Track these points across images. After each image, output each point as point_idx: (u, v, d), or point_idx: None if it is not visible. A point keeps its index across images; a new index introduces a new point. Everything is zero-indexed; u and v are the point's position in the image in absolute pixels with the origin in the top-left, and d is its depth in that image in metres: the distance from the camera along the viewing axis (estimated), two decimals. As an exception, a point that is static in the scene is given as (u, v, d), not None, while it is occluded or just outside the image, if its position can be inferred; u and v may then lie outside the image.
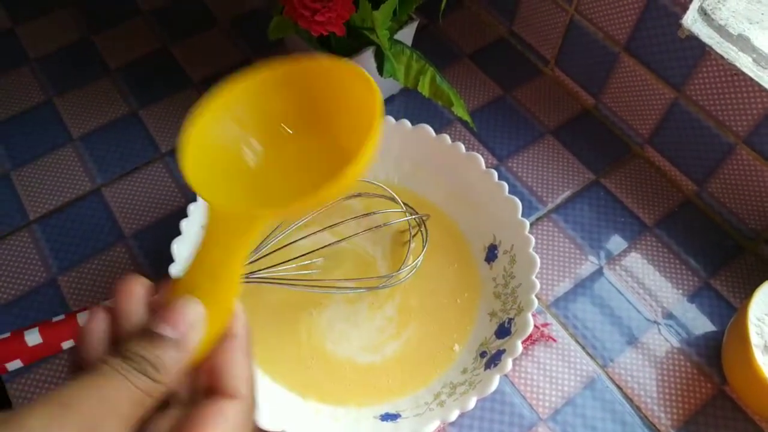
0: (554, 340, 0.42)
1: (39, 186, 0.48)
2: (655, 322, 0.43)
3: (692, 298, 0.44)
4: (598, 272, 0.45)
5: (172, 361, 0.22)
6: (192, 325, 0.22)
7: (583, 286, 0.45)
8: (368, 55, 0.45)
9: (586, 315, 0.43)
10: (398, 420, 0.36)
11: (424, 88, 0.44)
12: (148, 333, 0.22)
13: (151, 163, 0.50)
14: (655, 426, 0.39)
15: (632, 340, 0.42)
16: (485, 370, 0.36)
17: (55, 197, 0.48)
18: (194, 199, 0.40)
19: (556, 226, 0.47)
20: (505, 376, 0.40)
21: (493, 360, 0.36)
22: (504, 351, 0.36)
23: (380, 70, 0.44)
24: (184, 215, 0.39)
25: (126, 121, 0.52)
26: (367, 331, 0.40)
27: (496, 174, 0.41)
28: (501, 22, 0.58)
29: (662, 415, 0.40)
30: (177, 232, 0.39)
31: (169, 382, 0.22)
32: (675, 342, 0.42)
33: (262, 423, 0.32)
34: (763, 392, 0.36)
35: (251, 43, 0.57)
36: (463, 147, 0.42)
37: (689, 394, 0.41)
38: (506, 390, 0.40)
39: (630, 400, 0.40)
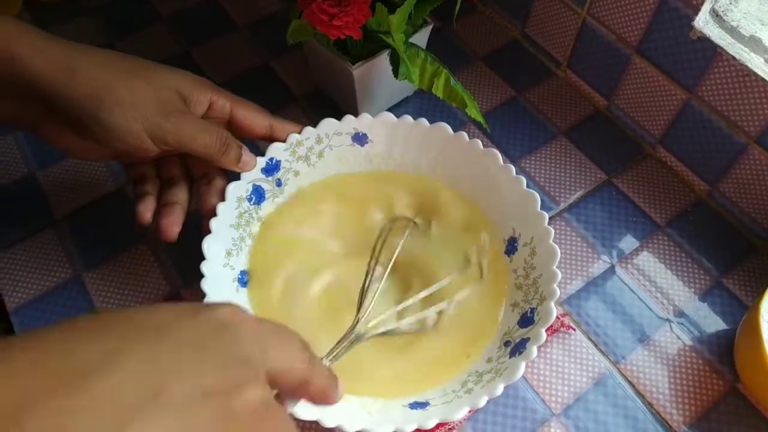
0: (573, 329, 0.43)
1: (65, 185, 0.50)
2: (667, 320, 0.44)
3: (704, 296, 0.45)
4: (611, 270, 0.46)
5: None
6: None
7: (595, 284, 0.45)
8: (384, 57, 0.46)
9: (598, 313, 0.44)
10: (427, 408, 0.36)
11: (439, 90, 0.45)
12: None
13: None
14: (667, 422, 0.40)
15: (644, 338, 0.43)
16: (510, 358, 0.37)
17: (80, 196, 0.49)
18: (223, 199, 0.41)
19: (569, 226, 0.48)
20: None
21: (517, 348, 0.37)
22: (528, 339, 0.37)
23: (395, 72, 0.45)
24: (213, 214, 0.40)
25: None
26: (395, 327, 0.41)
27: (513, 169, 0.42)
28: (514, 24, 0.58)
29: (674, 411, 0.40)
30: (203, 231, 0.40)
31: None
32: (687, 340, 0.43)
33: (297, 412, 0.33)
34: (775, 389, 0.37)
35: (269, 47, 0.58)
36: (480, 143, 0.43)
37: (701, 392, 0.41)
38: (519, 385, 0.41)
39: (642, 397, 0.41)
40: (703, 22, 0.43)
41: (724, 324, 0.44)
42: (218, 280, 0.39)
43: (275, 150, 0.43)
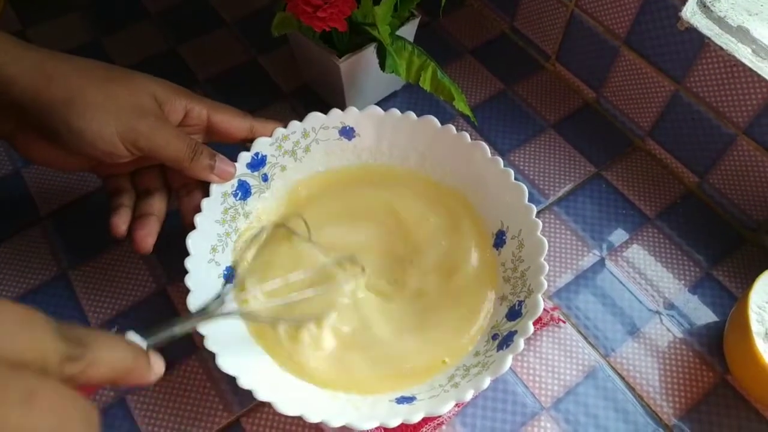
0: (563, 322, 0.43)
1: (51, 183, 0.49)
2: (656, 312, 0.44)
3: (694, 288, 0.45)
4: (600, 263, 0.46)
5: None
6: None
7: (585, 277, 0.45)
8: (370, 51, 0.46)
9: (588, 306, 0.44)
10: (414, 402, 0.36)
11: (426, 83, 0.45)
12: None
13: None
14: (657, 415, 0.40)
15: (634, 331, 0.43)
16: (497, 351, 0.36)
17: (66, 193, 0.49)
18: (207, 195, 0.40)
19: (558, 219, 0.48)
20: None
21: (505, 341, 0.37)
22: (515, 332, 0.36)
23: (382, 65, 0.45)
24: (198, 210, 0.40)
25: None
26: (384, 318, 0.41)
27: (501, 161, 0.42)
28: (502, 18, 0.58)
29: (664, 404, 0.40)
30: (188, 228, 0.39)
31: None
32: (677, 332, 0.43)
33: (280, 407, 0.33)
34: (765, 380, 0.37)
35: (257, 43, 0.58)
36: (468, 136, 0.43)
37: (691, 384, 0.41)
38: (509, 379, 0.41)
39: (632, 390, 0.41)
40: (690, 12, 0.43)
41: (714, 316, 0.43)
42: (203, 275, 0.38)
43: (261, 145, 0.42)
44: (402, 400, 0.36)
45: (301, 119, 0.43)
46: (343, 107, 0.45)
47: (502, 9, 0.58)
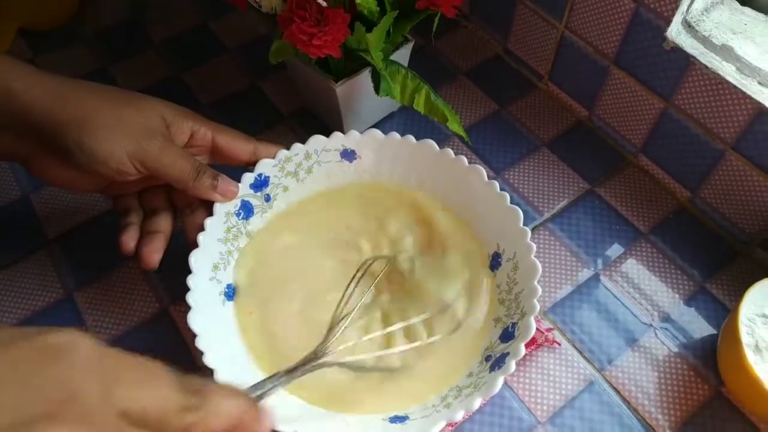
0: (558, 344, 0.43)
1: (57, 207, 0.51)
2: (651, 325, 0.44)
3: (688, 302, 0.45)
4: (595, 278, 0.46)
5: None
6: None
7: (579, 292, 0.46)
8: (366, 75, 0.47)
9: (583, 320, 0.44)
10: (406, 422, 0.37)
11: (420, 106, 0.46)
12: None
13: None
14: (653, 428, 0.40)
15: (629, 344, 0.43)
16: (489, 372, 0.37)
17: (72, 217, 0.50)
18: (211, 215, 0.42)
19: (553, 235, 0.49)
20: (504, 380, 0.41)
21: (497, 363, 0.37)
22: (508, 354, 0.37)
23: (377, 89, 0.46)
24: (201, 229, 0.41)
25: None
26: (378, 342, 0.41)
27: (498, 185, 0.43)
28: (496, 39, 0.60)
29: (660, 417, 0.40)
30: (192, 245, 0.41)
31: None
32: (671, 345, 0.43)
33: (274, 424, 0.33)
34: (756, 391, 0.37)
35: (256, 67, 0.59)
36: (465, 160, 0.44)
37: (687, 396, 0.41)
38: (505, 394, 0.41)
39: (628, 403, 0.41)
40: (675, 32, 0.44)
41: (708, 329, 0.44)
42: (204, 293, 0.39)
43: (264, 166, 0.44)
44: (395, 419, 0.37)
45: (300, 141, 0.45)
46: (340, 129, 0.46)
47: (496, 31, 0.59)
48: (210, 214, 0.41)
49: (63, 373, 0.20)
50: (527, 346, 0.37)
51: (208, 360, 0.36)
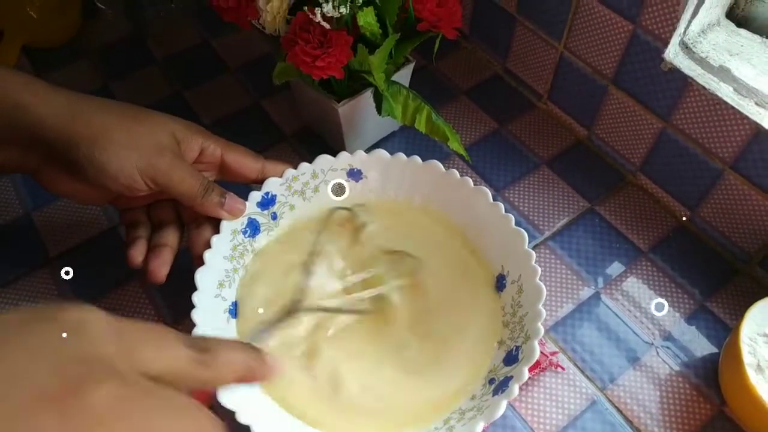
0: (562, 368, 0.43)
1: (59, 225, 0.51)
2: (652, 344, 0.44)
3: (689, 320, 0.45)
4: (596, 297, 0.47)
5: None
6: None
7: (580, 311, 0.46)
8: (368, 95, 0.48)
9: (584, 339, 0.45)
10: None
11: (421, 125, 0.46)
12: None
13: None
14: (656, 448, 0.40)
15: (631, 363, 0.43)
16: (493, 396, 0.37)
17: (74, 235, 0.50)
18: (217, 231, 0.42)
19: (553, 254, 0.49)
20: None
21: (500, 386, 0.37)
22: (511, 377, 0.37)
23: (379, 109, 0.46)
24: (208, 246, 0.41)
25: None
26: (381, 364, 0.41)
27: (503, 207, 0.43)
28: (495, 60, 0.60)
29: (663, 436, 0.40)
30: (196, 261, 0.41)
31: None
32: (673, 364, 0.43)
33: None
34: (758, 411, 0.37)
35: (258, 86, 0.60)
36: (471, 181, 0.44)
37: (689, 416, 0.41)
38: (507, 414, 0.41)
39: (630, 423, 0.41)
40: (672, 54, 0.45)
41: (709, 347, 0.44)
42: (209, 311, 0.39)
43: (271, 184, 0.44)
44: None
45: (303, 160, 0.45)
46: (343, 148, 0.47)
47: (495, 51, 0.60)
48: (215, 230, 0.42)
49: (88, 343, 0.22)
50: (531, 369, 0.37)
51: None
